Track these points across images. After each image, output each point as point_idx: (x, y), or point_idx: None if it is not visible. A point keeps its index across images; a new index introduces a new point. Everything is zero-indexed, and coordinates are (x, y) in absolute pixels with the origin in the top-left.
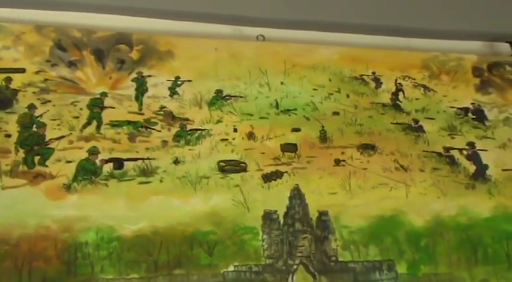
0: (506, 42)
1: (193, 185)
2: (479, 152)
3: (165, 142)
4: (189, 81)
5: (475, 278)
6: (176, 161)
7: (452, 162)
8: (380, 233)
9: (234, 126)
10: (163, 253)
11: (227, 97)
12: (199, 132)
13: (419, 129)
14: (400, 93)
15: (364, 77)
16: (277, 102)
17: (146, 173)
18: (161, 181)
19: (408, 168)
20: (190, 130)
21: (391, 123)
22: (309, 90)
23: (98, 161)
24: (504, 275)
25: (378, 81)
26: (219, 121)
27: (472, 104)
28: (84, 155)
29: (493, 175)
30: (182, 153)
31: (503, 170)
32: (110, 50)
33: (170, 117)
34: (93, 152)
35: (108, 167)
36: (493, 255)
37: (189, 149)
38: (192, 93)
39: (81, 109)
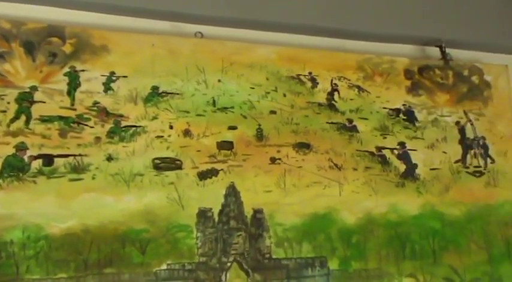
0: (436, 46)
1: (126, 182)
2: (409, 151)
3: (98, 138)
4: (125, 77)
5: (402, 272)
6: (109, 158)
7: (383, 161)
8: (313, 230)
9: (170, 123)
10: (94, 252)
11: (163, 94)
12: (134, 128)
13: (353, 129)
14: (336, 94)
15: (301, 76)
16: (214, 100)
17: (77, 169)
18: (93, 178)
19: (342, 167)
20: (125, 127)
21: (326, 122)
22: (246, 88)
23: (26, 157)
24: (430, 270)
25: (314, 81)
26: (154, 118)
27: (403, 105)
28: (11, 150)
29: (421, 174)
30: (116, 150)
31: (431, 169)
32: (41, 42)
33: (104, 113)
34: (21, 147)
35: (37, 164)
36: (420, 251)
37: (123, 146)
38: (127, 89)
39: (8, 103)
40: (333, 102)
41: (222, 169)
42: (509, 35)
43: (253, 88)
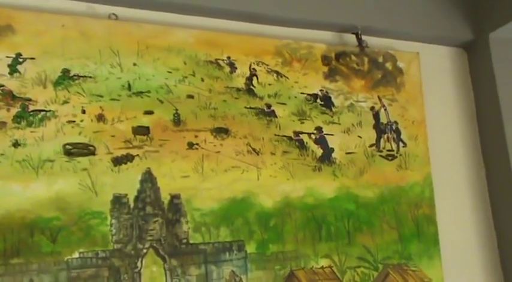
0: (353, 33)
1: (35, 169)
2: (326, 136)
3: (3, 123)
4: (32, 58)
5: (318, 253)
6: (16, 144)
7: (301, 145)
8: (231, 215)
9: (82, 107)
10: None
11: (75, 77)
12: (43, 113)
13: (272, 113)
14: (254, 79)
15: (219, 61)
16: (129, 84)
17: None
18: None
19: (260, 151)
20: (33, 111)
21: (245, 107)
22: (163, 72)
23: None
24: (345, 250)
25: (232, 66)
26: (65, 102)
27: (320, 90)
28: None
29: (337, 158)
30: (23, 135)
31: (346, 153)
32: None
33: (9, 96)
34: None
35: None
36: (336, 232)
37: (31, 131)
38: (35, 72)
39: None
40: (252, 87)
41: (137, 155)
42: (420, 24)
43: (170, 72)
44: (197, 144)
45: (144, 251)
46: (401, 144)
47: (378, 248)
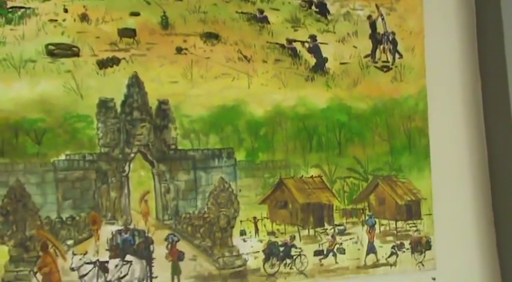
0: None
1: (17, 68)
2: (320, 45)
3: None
4: None
5: (308, 163)
6: None
7: (294, 54)
8: (221, 122)
9: (64, 6)
10: None
11: None
12: (22, 10)
13: (264, 19)
14: None
15: None
16: None
17: None
18: None
19: (251, 59)
20: (12, 7)
21: (236, 12)
22: None
23: None
24: (335, 161)
25: None
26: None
27: None
28: None
29: (331, 68)
30: (2, 33)
31: (340, 63)
32: None
33: None
34: None
35: None
36: (326, 143)
37: (11, 29)
38: None
39: None
40: None
41: (124, 58)
42: None
43: None
44: (186, 49)
45: (132, 155)
46: (397, 55)
47: (368, 160)
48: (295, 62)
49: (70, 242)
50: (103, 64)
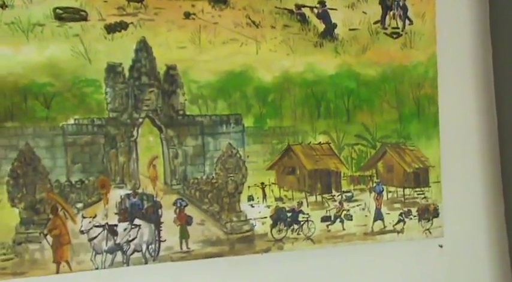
0: None
1: (25, 32)
2: (329, 10)
3: None
4: None
5: (316, 130)
6: (3, 5)
7: (303, 20)
8: (229, 88)
9: None
10: None
11: None
12: None
13: None
14: None
15: None
16: None
17: None
18: None
19: (260, 24)
20: None
21: None
22: None
23: None
24: (343, 127)
25: None
26: None
27: None
28: None
29: (340, 34)
30: None
31: (350, 29)
32: None
33: None
34: None
35: None
36: (335, 110)
37: None
38: None
39: None
40: None
41: (132, 22)
42: None
43: None
44: (194, 14)
45: (140, 120)
46: (407, 21)
47: (376, 127)
48: (303, 28)
49: (79, 205)
50: (111, 28)
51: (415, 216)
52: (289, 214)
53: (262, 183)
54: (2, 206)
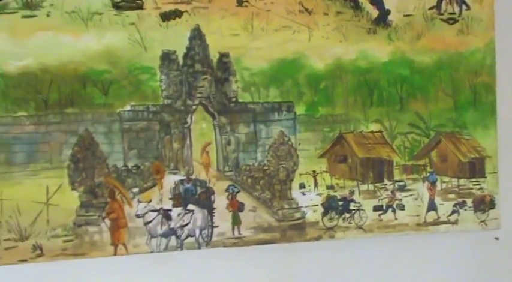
0: None
1: (84, 21)
2: None
3: None
4: None
5: (368, 118)
6: None
7: (355, 6)
8: (281, 76)
9: None
10: (54, 91)
11: None
12: None
13: None
14: None
15: None
16: None
17: (30, 6)
18: (48, 15)
19: (312, 11)
20: None
21: None
22: None
23: None
24: (396, 116)
25: None
26: None
27: None
28: None
29: (394, 20)
30: None
31: (404, 15)
32: None
33: None
34: None
35: None
36: (388, 98)
37: None
38: None
39: None
40: None
41: (186, 11)
42: None
43: None
44: (247, 1)
45: (194, 107)
46: (464, 7)
47: (431, 115)
48: (356, 14)
49: (135, 190)
50: (166, 17)
51: (470, 207)
52: (340, 202)
53: (314, 171)
54: (63, 189)
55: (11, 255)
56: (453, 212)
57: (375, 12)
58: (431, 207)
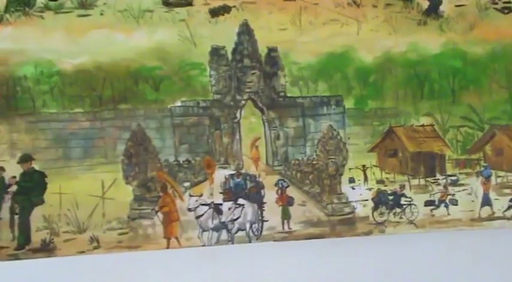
0: None
1: (136, 19)
2: None
3: None
4: None
5: (419, 111)
6: None
7: None
8: (329, 70)
9: None
10: (108, 88)
11: None
12: None
13: None
14: None
15: None
16: None
17: (85, 5)
18: (101, 14)
19: (361, 3)
20: None
21: None
22: None
23: None
24: (448, 109)
25: None
26: None
27: None
28: None
29: (445, 11)
30: None
31: (456, 5)
32: None
33: None
34: None
35: None
36: (439, 90)
37: None
38: None
39: None
40: None
41: (234, 6)
42: None
43: None
44: None
45: (243, 102)
46: None
47: (484, 108)
48: (406, 6)
49: (187, 184)
50: (215, 12)
51: None
52: (391, 197)
53: (364, 166)
54: (118, 184)
55: (70, 247)
56: (509, 207)
57: (425, 3)
58: (486, 202)
